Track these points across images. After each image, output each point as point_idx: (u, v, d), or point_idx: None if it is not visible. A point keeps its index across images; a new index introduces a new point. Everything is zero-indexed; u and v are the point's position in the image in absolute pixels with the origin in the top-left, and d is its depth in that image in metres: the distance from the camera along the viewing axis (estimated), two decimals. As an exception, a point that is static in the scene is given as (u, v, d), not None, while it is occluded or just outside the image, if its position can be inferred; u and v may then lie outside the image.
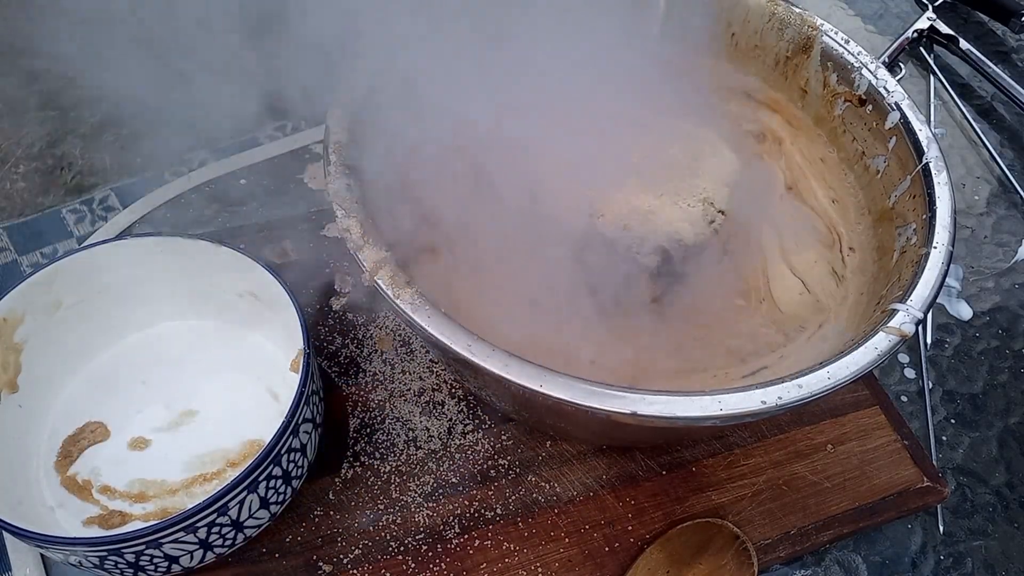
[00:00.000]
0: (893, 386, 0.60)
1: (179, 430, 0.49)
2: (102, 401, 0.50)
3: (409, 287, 0.39)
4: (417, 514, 0.49)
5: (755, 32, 0.57)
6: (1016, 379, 0.62)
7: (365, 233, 0.41)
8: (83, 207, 0.66)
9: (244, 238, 0.60)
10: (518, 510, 0.50)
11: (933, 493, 0.53)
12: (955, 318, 0.65)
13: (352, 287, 0.58)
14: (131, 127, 0.69)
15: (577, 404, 0.36)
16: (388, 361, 0.55)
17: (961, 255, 0.70)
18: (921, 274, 0.42)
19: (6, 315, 0.46)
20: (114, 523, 0.45)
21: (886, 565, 0.52)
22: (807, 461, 0.54)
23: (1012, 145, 0.80)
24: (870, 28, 0.91)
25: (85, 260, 0.48)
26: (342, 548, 0.47)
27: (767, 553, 0.49)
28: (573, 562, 0.48)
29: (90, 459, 0.48)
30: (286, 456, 0.42)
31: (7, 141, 0.68)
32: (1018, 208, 0.74)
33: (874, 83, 0.52)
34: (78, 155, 0.69)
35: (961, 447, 0.58)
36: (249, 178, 0.66)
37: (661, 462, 0.53)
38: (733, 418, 0.36)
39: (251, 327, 0.53)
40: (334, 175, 0.43)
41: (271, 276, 0.47)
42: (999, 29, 0.93)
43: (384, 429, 0.52)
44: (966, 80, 0.86)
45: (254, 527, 0.44)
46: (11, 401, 0.46)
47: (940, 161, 0.47)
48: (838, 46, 0.54)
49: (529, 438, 0.53)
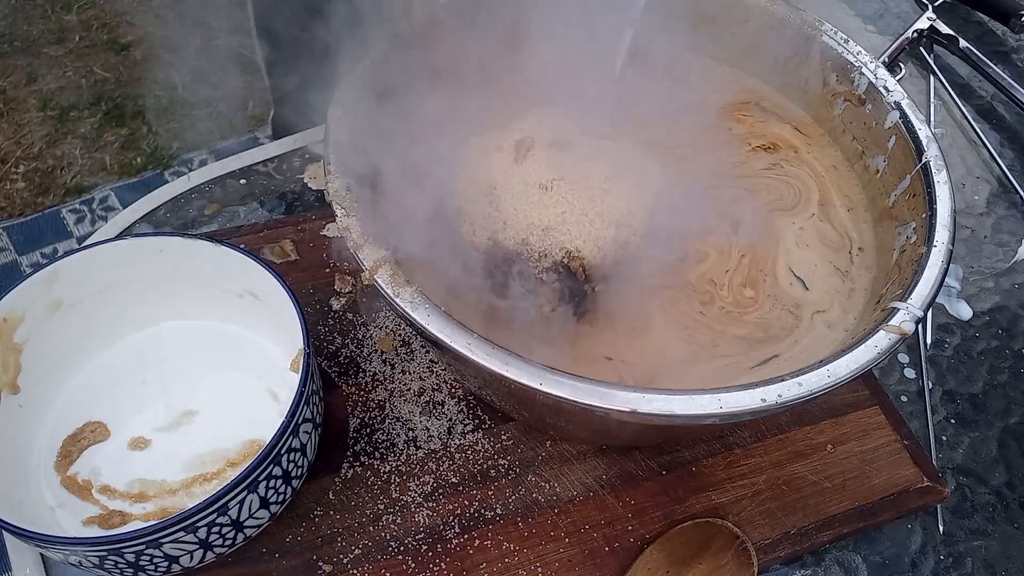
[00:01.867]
0: (893, 386, 0.60)
1: (179, 430, 0.49)
2: (102, 401, 0.50)
3: (409, 286, 0.39)
4: (417, 514, 0.49)
5: (755, 32, 0.57)
6: (1016, 379, 0.62)
7: (365, 232, 0.41)
8: (83, 207, 0.66)
9: (244, 238, 0.60)
10: (518, 510, 0.50)
11: (933, 493, 0.53)
12: (955, 318, 0.65)
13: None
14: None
15: (577, 402, 0.36)
16: (388, 361, 0.55)
17: (961, 255, 0.70)
18: (921, 273, 0.42)
19: (6, 315, 0.46)
20: (114, 523, 0.45)
21: (886, 565, 0.52)
22: (807, 461, 0.54)
23: (1012, 145, 0.80)
24: (870, 28, 0.91)
25: (85, 260, 0.48)
26: (342, 548, 0.47)
27: (767, 553, 0.49)
28: (573, 562, 0.48)
29: (90, 459, 0.48)
30: (286, 456, 0.42)
31: (7, 141, 0.68)
32: (1018, 208, 0.74)
33: (874, 83, 0.52)
34: (78, 155, 0.69)
35: (961, 447, 0.58)
36: (249, 178, 0.66)
37: (661, 462, 0.53)
38: (733, 416, 0.36)
39: (251, 327, 0.53)
40: (334, 175, 0.43)
41: (271, 276, 0.47)
42: (999, 29, 0.93)
43: (384, 429, 0.52)
44: (966, 80, 0.86)
45: (254, 527, 0.43)
46: (11, 401, 0.46)
47: (940, 160, 0.47)
48: (838, 46, 0.54)
49: (529, 438, 0.53)
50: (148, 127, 1.59)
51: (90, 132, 1.53)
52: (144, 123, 1.60)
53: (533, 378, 0.36)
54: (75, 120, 1.54)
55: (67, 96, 1.65)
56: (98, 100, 1.69)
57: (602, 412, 0.36)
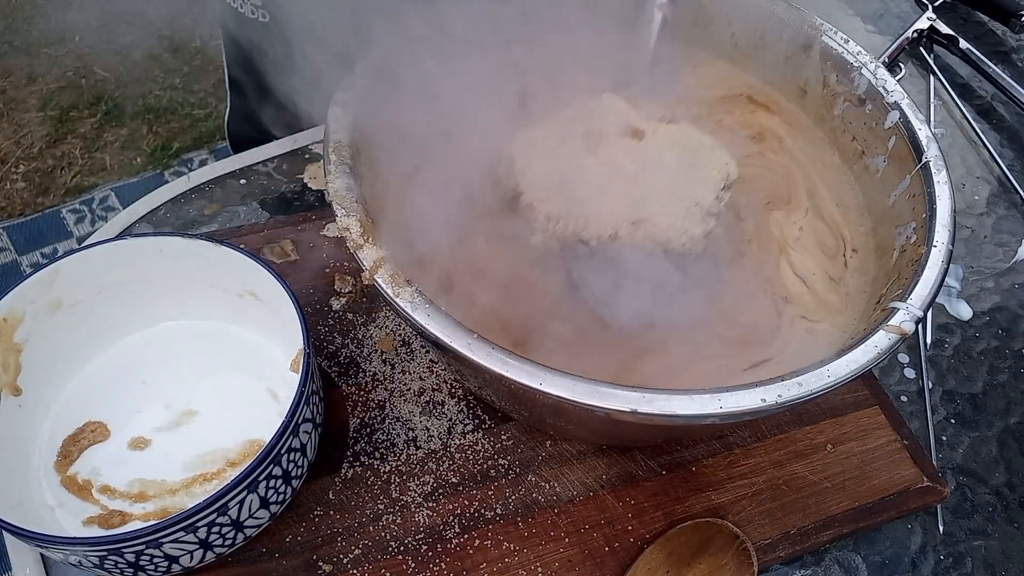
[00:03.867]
0: (893, 386, 0.60)
1: (179, 430, 0.49)
2: (102, 401, 0.50)
3: (409, 286, 0.39)
4: (417, 514, 0.49)
5: (755, 32, 0.57)
6: (1016, 379, 0.62)
7: (365, 232, 0.41)
8: (83, 207, 0.66)
9: (244, 238, 0.60)
10: (518, 510, 0.50)
11: (933, 493, 0.53)
12: (955, 318, 0.65)
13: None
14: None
15: (577, 402, 0.36)
16: (388, 361, 0.55)
17: (961, 255, 0.70)
18: (921, 273, 0.42)
19: (6, 315, 0.46)
20: (114, 523, 0.45)
21: (886, 565, 0.52)
22: (807, 461, 0.54)
23: (1012, 145, 0.80)
24: (870, 28, 0.91)
25: (85, 260, 0.48)
26: (342, 548, 0.47)
27: (767, 553, 0.49)
28: (573, 562, 0.48)
29: (90, 459, 0.48)
30: (286, 456, 0.42)
31: (7, 141, 0.68)
32: (1018, 208, 0.74)
33: (873, 83, 0.52)
34: (78, 155, 0.69)
35: (961, 447, 0.58)
36: (249, 178, 0.66)
37: (661, 462, 0.53)
38: (733, 416, 0.36)
39: (251, 327, 0.53)
40: (334, 175, 0.43)
41: (271, 276, 0.47)
42: (999, 29, 0.93)
43: (384, 429, 0.52)
44: (966, 80, 0.86)
45: (254, 527, 0.44)
46: (11, 401, 0.46)
47: (940, 160, 0.47)
48: (838, 46, 0.54)
49: (529, 438, 0.53)
50: (148, 127, 1.60)
51: (90, 132, 1.53)
52: (144, 123, 1.60)
53: (533, 378, 0.36)
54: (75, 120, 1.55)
55: (67, 96, 1.65)
56: (98, 100, 1.69)
57: (602, 412, 0.36)
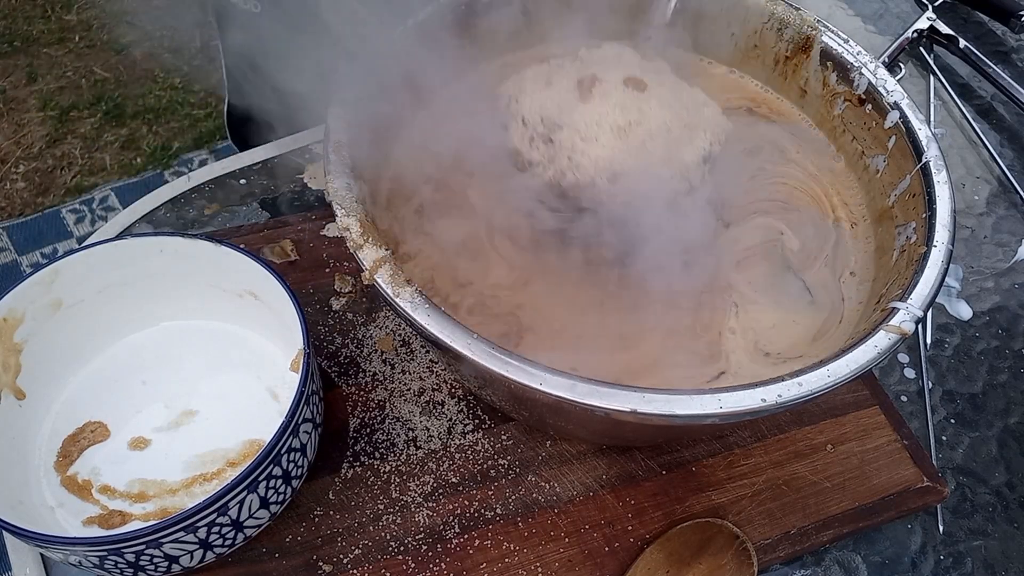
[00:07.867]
0: (893, 386, 0.60)
1: (179, 430, 0.49)
2: (102, 401, 0.50)
3: (409, 285, 0.39)
4: (417, 514, 0.49)
5: (754, 32, 0.57)
6: (1016, 379, 0.62)
7: (365, 232, 0.41)
8: (83, 207, 0.66)
9: (244, 238, 0.60)
10: (518, 510, 0.50)
11: (933, 493, 0.53)
12: (955, 318, 0.65)
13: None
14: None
15: (577, 402, 0.36)
16: (388, 361, 0.55)
17: (961, 255, 0.70)
18: (921, 273, 0.42)
19: (6, 315, 0.46)
20: (114, 523, 0.45)
21: (886, 565, 0.52)
22: (807, 461, 0.54)
23: (1012, 145, 0.80)
24: (870, 28, 0.91)
25: (85, 260, 0.48)
26: (342, 548, 0.47)
27: (767, 553, 0.49)
28: (573, 562, 0.48)
29: (90, 459, 0.48)
30: (286, 456, 0.42)
31: (7, 141, 0.68)
32: (1018, 208, 0.74)
33: (873, 82, 0.52)
34: (78, 155, 0.69)
35: (961, 447, 0.58)
36: (249, 178, 0.66)
37: (661, 462, 0.53)
38: (733, 416, 0.36)
39: (251, 327, 0.53)
40: (334, 175, 0.43)
41: (271, 276, 0.47)
42: (999, 29, 0.93)
43: (384, 429, 0.52)
44: (966, 80, 0.86)
45: (254, 527, 0.44)
46: (11, 401, 0.46)
47: (940, 160, 0.47)
48: (838, 46, 0.54)
49: (529, 438, 0.53)
50: (148, 127, 1.60)
51: (90, 132, 1.53)
52: (144, 123, 1.60)
53: (533, 378, 0.36)
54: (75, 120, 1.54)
55: (67, 96, 1.65)
56: (98, 100, 1.69)
57: (602, 412, 0.36)
